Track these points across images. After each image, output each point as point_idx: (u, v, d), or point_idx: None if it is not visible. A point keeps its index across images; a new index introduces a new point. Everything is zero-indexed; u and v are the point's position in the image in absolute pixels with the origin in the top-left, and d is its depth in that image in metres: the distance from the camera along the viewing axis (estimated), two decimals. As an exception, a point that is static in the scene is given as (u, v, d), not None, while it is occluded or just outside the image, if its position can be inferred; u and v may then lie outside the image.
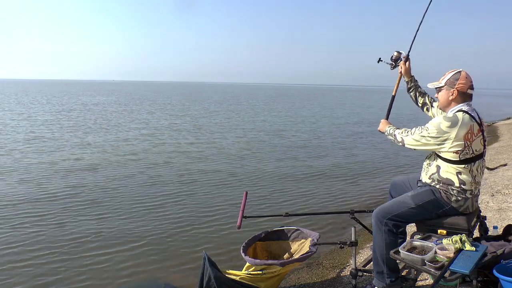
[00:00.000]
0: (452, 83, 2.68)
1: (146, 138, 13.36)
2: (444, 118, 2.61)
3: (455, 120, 2.57)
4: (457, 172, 2.63)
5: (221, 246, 4.70)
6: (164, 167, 8.91)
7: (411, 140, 2.71)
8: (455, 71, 2.73)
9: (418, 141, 2.67)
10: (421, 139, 2.65)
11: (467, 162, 2.61)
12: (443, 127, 2.57)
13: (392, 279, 2.75)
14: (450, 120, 2.57)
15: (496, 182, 6.68)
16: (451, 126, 2.55)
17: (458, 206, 2.67)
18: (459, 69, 2.73)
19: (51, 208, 5.91)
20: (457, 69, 2.74)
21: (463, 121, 2.56)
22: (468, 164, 2.61)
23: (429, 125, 2.65)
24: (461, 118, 2.57)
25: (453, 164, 2.63)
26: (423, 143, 2.66)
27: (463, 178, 2.62)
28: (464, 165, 2.61)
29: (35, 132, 14.11)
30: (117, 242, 4.78)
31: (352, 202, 6.52)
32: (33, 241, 4.78)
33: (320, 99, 51.50)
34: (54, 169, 8.43)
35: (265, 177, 8.07)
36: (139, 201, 6.33)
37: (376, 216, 2.78)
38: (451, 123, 2.56)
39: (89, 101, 35.32)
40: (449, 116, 2.62)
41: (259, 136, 14.22)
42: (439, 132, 2.58)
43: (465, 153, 2.58)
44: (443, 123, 2.58)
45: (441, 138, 2.58)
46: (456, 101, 2.69)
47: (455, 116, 2.60)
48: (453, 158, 2.61)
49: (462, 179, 2.63)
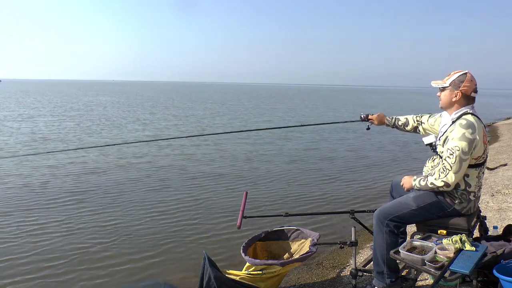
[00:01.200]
0: (457, 84, 2.64)
1: (149, 138, 13.36)
2: (461, 126, 2.53)
3: (472, 125, 2.53)
4: (464, 175, 2.60)
5: (221, 246, 4.70)
6: (164, 167, 8.90)
7: (452, 175, 2.53)
8: (461, 72, 2.67)
9: (460, 168, 2.52)
10: (461, 163, 2.51)
11: (478, 166, 2.60)
12: (469, 135, 2.50)
13: (392, 279, 2.75)
14: (468, 126, 2.52)
15: (496, 182, 6.68)
16: (473, 132, 2.51)
17: (461, 208, 2.66)
18: (465, 70, 2.68)
19: (52, 208, 5.92)
20: (463, 70, 2.68)
21: (477, 123, 2.56)
22: (478, 167, 2.60)
23: (456, 144, 2.50)
24: (474, 121, 2.55)
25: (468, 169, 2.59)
26: (465, 165, 2.53)
27: (469, 180, 2.61)
28: (475, 168, 2.60)
29: (36, 133, 14.10)
30: (117, 242, 4.78)
31: (352, 202, 6.52)
32: (33, 240, 4.78)
33: (321, 99, 51.43)
34: (56, 170, 8.43)
35: (265, 177, 8.07)
36: (139, 201, 6.33)
37: (377, 217, 2.77)
38: (471, 128, 2.51)
39: (90, 102, 35.32)
40: (464, 123, 2.54)
41: (260, 137, 14.22)
42: (468, 142, 2.49)
43: (482, 157, 2.58)
44: (466, 132, 2.50)
45: (473, 146, 2.51)
46: (459, 104, 2.66)
47: (468, 120, 2.55)
48: (470, 163, 2.56)
49: (468, 182, 2.61)
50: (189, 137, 12.11)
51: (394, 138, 13.83)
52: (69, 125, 16.69)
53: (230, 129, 16.43)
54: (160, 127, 16.93)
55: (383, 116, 3.32)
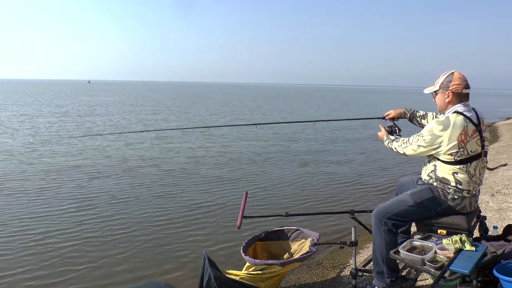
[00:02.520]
0: (446, 85, 2.70)
1: (151, 138, 13.35)
2: (436, 122, 2.62)
3: (446, 123, 2.58)
4: (453, 172, 2.63)
5: (221, 246, 4.70)
6: (164, 167, 8.91)
7: (410, 150, 2.77)
8: (447, 73, 2.74)
9: (417, 150, 2.72)
10: (418, 148, 2.70)
11: (462, 163, 2.61)
12: (436, 131, 2.59)
13: (392, 279, 2.75)
14: (442, 124, 2.59)
15: (496, 182, 6.68)
16: (443, 129, 2.57)
17: (455, 204, 2.68)
18: (451, 70, 2.74)
19: (51, 208, 5.93)
20: (450, 70, 2.74)
21: (455, 123, 2.57)
22: (464, 165, 2.61)
23: (423, 132, 2.68)
24: (453, 120, 2.58)
25: (449, 165, 2.63)
26: (422, 151, 2.70)
27: (459, 177, 2.63)
28: (459, 165, 2.61)
29: (37, 134, 14.09)
30: (117, 242, 4.78)
31: (352, 202, 6.52)
32: (32, 240, 4.79)
33: (323, 100, 51.26)
34: (58, 172, 8.43)
35: (265, 177, 8.07)
36: (138, 201, 6.33)
37: (376, 216, 2.78)
38: (443, 126, 2.58)
39: (91, 102, 35.31)
40: (441, 120, 2.62)
41: (261, 137, 14.22)
42: (432, 137, 2.60)
43: (460, 154, 2.59)
44: (435, 127, 2.60)
45: (436, 143, 2.60)
46: (453, 103, 2.69)
47: (447, 118, 2.61)
48: (448, 159, 2.62)
49: (458, 179, 2.63)
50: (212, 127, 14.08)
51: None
52: (72, 126, 16.69)
53: (237, 128, 16.42)
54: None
55: (401, 109, 3.34)
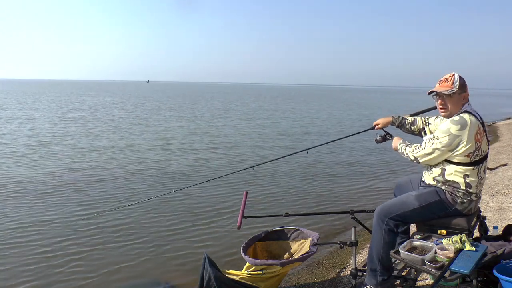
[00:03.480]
0: (464, 86, 2.66)
1: (151, 139, 13.36)
2: (452, 122, 2.57)
3: (464, 122, 2.54)
4: (464, 175, 2.60)
5: (221, 246, 4.70)
6: (165, 167, 8.91)
7: (424, 155, 2.67)
8: (455, 74, 2.68)
9: (432, 154, 2.63)
10: (434, 151, 2.61)
11: (476, 164, 2.60)
12: (454, 131, 2.53)
13: (385, 278, 2.75)
14: (459, 123, 2.54)
15: (496, 182, 6.68)
16: (461, 128, 2.52)
17: (463, 208, 2.66)
18: (454, 72, 2.72)
19: (51, 208, 5.93)
20: (453, 72, 2.72)
21: (471, 122, 2.55)
22: (476, 166, 2.60)
23: (438, 134, 2.60)
24: (469, 120, 2.55)
25: (462, 167, 2.60)
26: (438, 155, 2.61)
27: (470, 180, 2.61)
28: (473, 167, 2.59)
29: (39, 136, 14.06)
30: (117, 242, 4.78)
31: (352, 202, 6.52)
32: (32, 239, 4.79)
33: (325, 100, 51.02)
34: (60, 175, 8.43)
35: (265, 177, 8.07)
36: (139, 201, 6.33)
37: (378, 214, 2.77)
38: (460, 125, 2.53)
39: (93, 102, 35.30)
40: (456, 119, 2.57)
41: (261, 137, 14.22)
42: (450, 137, 2.54)
43: (476, 155, 2.57)
44: (452, 127, 2.54)
45: (454, 143, 2.54)
46: (464, 104, 2.67)
47: (462, 118, 2.56)
48: (463, 161, 2.58)
49: (468, 182, 2.61)
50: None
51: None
52: (75, 128, 16.68)
53: (236, 128, 16.40)
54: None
55: (389, 117, 3.29)
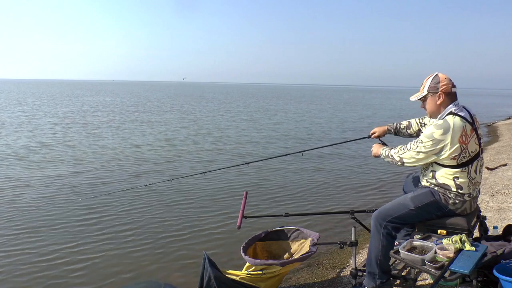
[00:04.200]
0: (435, 87, 2.67)
1: (152, 139, 13.37)
2: (435, 126, 2.57)
3: (446, 126, 2.53)
4: (454, 177, 2.61)
5: (221, 246, 4.71)
6: (165, 167, 8.91)
7: (408, 157, 2.69)
8: (431, 76, 2.72)
9: (416, 157, 2.65)
10: (418, 154, 2.63)
11: (464, 166, 2.59)
12: (437, 136, 2.53)
13: (383, 281, 2.76)
14: (442, 127, 2.54)
15: (496, 182, 6.68)
16: (444, 132, 2.52)
17: (456, 208, 2.67)
18: (434, 73, 2.73)
19: (51, 207, 5.93)
20: (433, 73, 2.74)
21: (455, 124, 2.54)
22: (465, 167, 2.59)
23: (422, 138, 2.62)
24: (452, 122, 2.54)
25: (450, 169, 2.60)
26: (422, 158, 2.63)
27: (460, 182, 2.61)
28: (461, 169, 2.59)
29: (40, 137, 14.07)
30: (117, 242, 4.79)
31: (352, 202, 6.52)
32: (32, 239, 4.80)
33: (327, 100, 50.78)
34: (61, 174, 8.43)
35: (265, 177, 8.07)
36: (139, 201, 6.33)
37: (376, 218, 2.77)
38: (443, 130, 2.53)
39: (94, 102, 35.29)
40: (439, 124, 2.57)
41: (262, 137, 14.22)
42: (433, 142, 2.55)
43: (462, 157, 2.56)
44: (435, 132, 2.54)
45: (438, 148, 2.55)
46: (444, 104, 2.67)
47: (445, 121, 2.56)
48: (450, 163, 2.58)
49: (458, 184, 2.61)
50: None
51: (396, 139, 13.78)
52: (76, 129, 16.67)
53: (236, 129, 16.41)
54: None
55: (384, 126, 3.37)
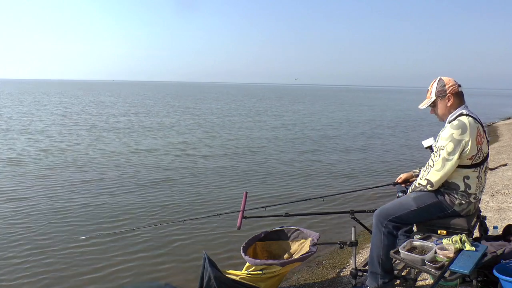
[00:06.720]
0: (442, 91, 2.67)
1: (151, 140, 13.36)
2: (452, 126, 2.54)
3: (463, 125, 2.52)
4: (464, 177, 2.59)
5: (221, 246, 4.71)
6: (165, 167, 8.91)
7: (435, 173, 2.56)
8: (435, 81, 2.73)
9: (443, 167, 2.53)
10: (443, 163, 2.54)
11: (476, 166, 2.58)
12: (456, 136, 2.50)
13: (385, 281, 2.74)
14: (458, 127, 2.52)
15: (496, 182, 6.68)
16: (462, 132, 2.50)
17: (461, 209, 2.66)
18: (437, 77, 2.74)
19: (51, 207, 5.93)
20: (436, 78, 2.74)
21: (470, 124, 2.53)
22: (477, 168, 2.59)
23: (441, 143, 2.55)
24: (467, 122, 2.54)
25: (462, 169, 2.58)
26: (450, 165, 2.53)
27: (470, 182, 2.60)
28: (473, 169, 2.58)
29: (40, 139, 14.08)
30: (117, 242, 4.78)
31: (352, 202, 6.51)
32: (32, 239, 4.80)
33: (332, 100, 50.61)
34: (62, 173, 8.43)
35: (265, 177, 8.07)
36: (138, 201, 6.33)
37: (377, 217, 2.77)
38: (461, 129, 2.51)
39: (95, 103, 35.28)
40: (455, 124, 2.54)
41: (262, 136, 14.22)
42: (455, 143, 2.50)
43: (478, 157, 2.56)
44: (454, 132, 2.51)
45: (460, 148, 2.50)
46: (454, 106, 2.67)
47: (461, 121, 2.54)
48: (465, 163, 2.56)
49: (468, 183, 2.60)
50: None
51: (397, 140, 13.81)
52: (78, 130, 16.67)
53: (238, 128, 16.40)
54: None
55: (410, 172, 3.16)
